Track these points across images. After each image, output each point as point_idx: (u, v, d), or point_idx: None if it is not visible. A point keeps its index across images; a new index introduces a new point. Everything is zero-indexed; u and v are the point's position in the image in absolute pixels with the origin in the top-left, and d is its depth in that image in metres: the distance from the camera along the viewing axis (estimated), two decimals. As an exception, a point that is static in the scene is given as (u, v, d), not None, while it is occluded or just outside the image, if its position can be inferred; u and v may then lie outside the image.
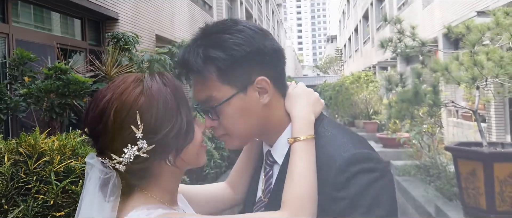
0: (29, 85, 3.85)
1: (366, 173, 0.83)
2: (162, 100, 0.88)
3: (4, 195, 2.08)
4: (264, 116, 0.95)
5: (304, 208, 0.86)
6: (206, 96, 0.91)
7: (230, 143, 0.97)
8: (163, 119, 0.87)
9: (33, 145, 2.23)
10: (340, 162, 0.85)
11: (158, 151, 0.88)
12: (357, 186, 0.82)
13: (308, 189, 0.88)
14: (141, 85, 0.89)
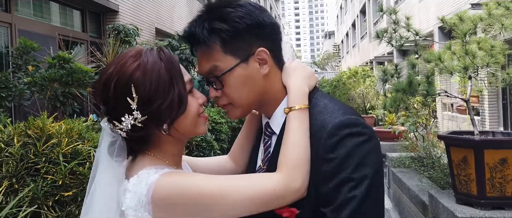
0: (33, 74, 3.93)
1: (354, 136, 0.93)
2: (156, 75, 0.97)
3: (15, 175, 2.19)
4: (264, 86, 1.04)
5: (297, 170, 0.96)
6: (211, 67, 1.00)
7: (233, 113, 1.06)
8: (156, 92, 0.97)
9: (42, 128, 2.32)
10: (331, 126, 0.95)
11: (152, 121, 0.98)
12: (346, 147, 0.92)
13: (301, 153, 0.97)
14: (138, 60, 0.99)
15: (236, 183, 0.96)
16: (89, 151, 2.35)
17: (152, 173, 0.98)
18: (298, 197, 0.95)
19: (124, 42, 6.68)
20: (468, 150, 3.56)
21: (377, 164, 0.93)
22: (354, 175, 0.90)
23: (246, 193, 0.94)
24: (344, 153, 0.91)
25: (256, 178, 1.01)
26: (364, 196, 0.89)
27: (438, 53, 3.76)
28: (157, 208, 0.94)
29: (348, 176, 0.90)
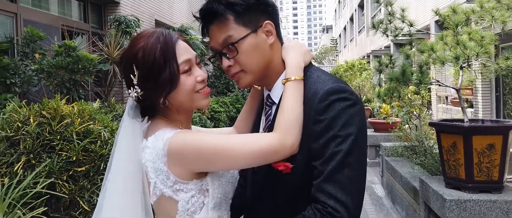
0: (40, 61, 4.07)
1: (341, 101, 1.09)
2: (152, 57, 1.14)
3: (32, 151, 2.34)
4: (270, 55, 1.20)
5: (290, 130, 1.12)
6: (226, 37, 1.16)
7: (244, 80, 1.21)
8: (151, 72, 1.14)
9: (56, 109, 2.47)
10: (322, 93, 1.11)
11: (150, 95, 1.17)
12: (334, 110, 1.08)
13: (294, 116, 1.13)
14: (142, 43, 1.16)
15: (238, 141, 1.13)
16: (100, 131, 2.50)
17: (167, 132, 1.15)
18: (291, 152, 1.11)
19: (125, 33, 6.80)
20: (457, 136, 3.73)
21: (360, 124, 1.09)
22: (340, 132, 1.06)
23: (246, 148, 1.10)
24: (333, 115, 1.07)
25: (255, 136, 1.18)
26: (348, 150, 1.05)
27: (431, 44, 3.92)
28: (171, 159, 1.11)
29: (336, 133, 1.06)
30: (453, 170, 3.81)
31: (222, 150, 1.10)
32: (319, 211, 1.03)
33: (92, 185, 2.38)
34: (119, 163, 1.18)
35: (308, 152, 1.10)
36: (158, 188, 1.13)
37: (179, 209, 1.13)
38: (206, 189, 1.16)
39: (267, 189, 1.21)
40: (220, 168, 1.17)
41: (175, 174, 1.12)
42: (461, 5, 4.45)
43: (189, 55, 1.19)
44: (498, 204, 3.54)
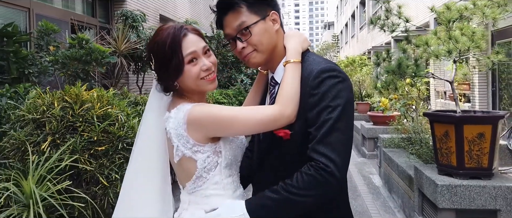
0: (55, 53, 4.29)
1: (331, 78, 1.32)
2: (162, 50, 1.40)
3: (56, 132, 2.58)
4: (275, 39, 1.43)
5: (288, 103, 1.35)
6: (240, 23, 1.39)
7: (256, 58, 1.44)
8: (162, 62, 1.40)
9: (77, 94, 2.70)
10: (315, 71, 1.34)
11: (164, 79, 1.42)
12: (326, 85, 1.31)
13: (292, 91, 1.36)
14: (158, 37, 1.40)
15: (246, 111, 1.37)
16: (117, 114, 2.73)
17: (186, 105, 1.38)
18: (288, 121, 1.34)
19: (132, 27, 7.02)
20: (449, 125, 3.95)
21: (347, 97, 1.31)
22: (331, 103, 1.28)
23: (253, 117, 1.34)
24: (324, 89, 1.30)
25: (260, 107, 1.42)
26: (337, 117, 1.27)
27: (425, 39, 4.13)
28: (190, 126, 1.34)
29: (327, 104, 1.28)
30: (445, 158, 4.03)
31: (233, 118, 1.34)
32: (313, 167, 1.25)
33: (111, 163, 2.61)
34: (147, 122, 1.44)
35: (305, 122, 1.32)
36: (180, 150, 1.36)
37: (197, 167, 1.37)
38: (219, 151, 1.39)
39: (271, 154, 1.43)
40: (231, 134, 1.40)
41: (193, 138, 1.35)
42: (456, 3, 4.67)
43: (194, 47, 1.41)
44: (487, 190, 3.76)
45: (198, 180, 1.40)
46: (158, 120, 1.42)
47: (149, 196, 1.40)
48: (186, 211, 1.43)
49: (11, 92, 2.99)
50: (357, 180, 6.77)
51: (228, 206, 1.36)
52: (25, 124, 2.63)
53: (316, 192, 1.24)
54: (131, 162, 1.44)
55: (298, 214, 1.29)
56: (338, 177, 1.23)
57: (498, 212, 3.75)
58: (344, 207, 1.42)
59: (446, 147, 4.01)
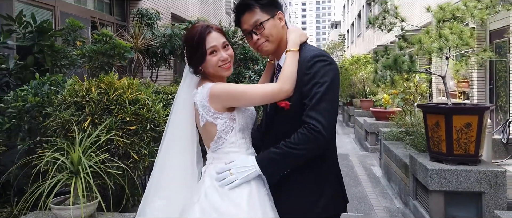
0: (82, 48, 4.74)
1: (321, 61, 1.74)
2: (191, 42, 1.85)
3: (95, 113, 3.02)
4: (282, 33, 1.85)
5: (287, 80, 1.77)
6: (255, 20, 1.81)
7: (268, 47, 1.85)
8: (191, 52, 1.85)
9: (111, 82, 3.13)
10: (308, 57, 1.76)
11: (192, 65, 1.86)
12: (316, 67, 1.72)
13: (290, 72, 1.79)
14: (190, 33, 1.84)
15: (254, 87, 1.81)
16: (145, 99, 3.16)
17: (209, 84, 1.81)
18: (287, 95, 1.76)
19: (147, 25, 7.46)
20: (440, 115, 4.34)
21: (333, 76, 1.72)
22: (320, 80, 1.69)
23: (259, 91, 1.78)
24: (315, 70, 1.72)
25: (265, 85, 1.87)
26: (325, 91, 1.68)
27: (419, 37, 4.52)
28: (211, 99, 1.77)
29: (317, 81, 1.70)
30: (436, 145, 4.42)
31: (243, 93, 1.77)
32: (306, 128, 1.66)
33: (140, 141, 3.04)
34: (178, 100, 1.86)
35: (300, 95, 1.73)
36: (204, 117, 1.79)
37: (217, 130, 1.79)
38: (234, 119, 1.81)
39: (275, 122, 1.85)
40: (243, 104, 1.82)
41: (214, 108, 1.78)
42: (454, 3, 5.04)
43: (215, 42, 1.84)
44: (473, 174, 4.14)
45: (218, 140, 1.82)
46: (188, 95, 1.85)
47: (182, 149, 1.84)
48: (211, 165, 1.86)
49: (51, 80, 3.43)
50: (358, 170, 7.17)
51: (242, 159, 1.78)
52: (67, 107, 3.06)
53: (309, 146, 1.66)
54: (168, 124, 1.87)
55: (296, 164, 1.71)
56: (324, 135, 1.64)
57: (482, 194, 4.13)
58: (329, 160, 1.83)
59: (437, 135, 4.40)
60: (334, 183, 1.86)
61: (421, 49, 4.69)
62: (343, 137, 11.44)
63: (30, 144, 3.19)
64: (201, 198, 1.79)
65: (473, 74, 8.85)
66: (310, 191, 1.79)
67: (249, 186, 1.77)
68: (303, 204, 1.79)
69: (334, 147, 1.88)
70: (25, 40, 3.98)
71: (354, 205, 5.12)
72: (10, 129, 3.24)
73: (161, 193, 1.83)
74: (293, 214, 1.78)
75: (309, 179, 1.79)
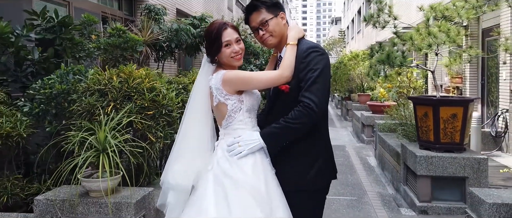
0: (97, 41, 5.09)
1: (315, 52, 2.10)
2: (209, 36, 2.21)
3: (116, 99, 3.37)
4: (283, 30, 2.21)
5: (287, 68, 2.13)
6: (261, 18, 2.17)
7: (271, 41, 2.21)
8: (209, 44, 2.21)
9: (130, 71, 3.49)
10: (304, 48, 2.13)
11: (210, 55, 2.22)
12: (311, 57, 2.08)
13: (289, 61, 2.15)
14: (209, 29, 2.18)
15: (259, 73, 2.18)
16: (161, 88, 3.53)
17: (222, 71, 2.16)
18: (286, 80, 2.11)
19: (155, 20, 7.80)
20: (428, 107, 4.70)
21: (324, 64, 2.08)
22: (313, 67, 2.06)
23: (263, 77, 2.16)
24: (309, 59, 2.08)
25: (269, 72, 2.23)
26: (317, 75, 2.04)
27: (410, 34, 4.88)
28: (224, 83, 2.13)
29: (311, 68, 2.06)
30: (425, 134, 4.80)
31: (251, 78, 2.14)
32: (301, 105, 2.02)
33: (156, 124, 3.40)
34: (197, 84, 2.22)
35: (297, 80, 2.09)
36: (217, 98, 2.15)
37: (228, 109, 2.15)
38: (242, 100, 2.17)
39: (277, 103, 2.21)
40: (250, 88, 2.18)
41: (225, 90, 2.14)
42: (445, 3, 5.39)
43: (229, 37, 2.20)
44: (457, 160, 4.52)
45: (228, 118, 2.18)
46: (205, 80, 2.21)
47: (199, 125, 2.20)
48: (222, 140, 2.22)
49: (75, 70, 3.79)
50: (354, 160, 7.55)
51: (248, 134, 2.15)
52: (91, 94, 3.42)
53: (303, 120, 2.02)
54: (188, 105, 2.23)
55: (294, 137, 2.08)
56: (316, 111, 2.01)
57: (466, 179, 4.51)
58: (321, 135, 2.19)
59: (426, 125, 4.77)
60: (325, 155, 2.22)
61: (413, 45, 5.05)
62: (341, 130, 11.82)
63: (57, 127, 3.55)
64: (214, 166, 2.15)
65: (466, 70, 9.21)
66: (304, 161, 2.16)
67: (254, 156, 2.14)
68: (298, 172, 2.16)
69: (325, 124, 2.25)
70: (48, 34, 4.33)
71: (348, 190, 5.49)
72: (38, 114, 3.60)
73: (181, 160, 2.19)
74: (290, 180, 2.15)
75: (304, 151, 2.16)
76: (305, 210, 2.17)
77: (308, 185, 2.16)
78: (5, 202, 3.37)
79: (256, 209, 2.04)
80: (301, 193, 2.16)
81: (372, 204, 4.92)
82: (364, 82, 12.55)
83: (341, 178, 6.11)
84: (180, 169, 2.19)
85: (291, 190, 2.15)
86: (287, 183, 2.15)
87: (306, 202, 2.18)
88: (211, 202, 2.09)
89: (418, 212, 4.56)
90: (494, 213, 2.72)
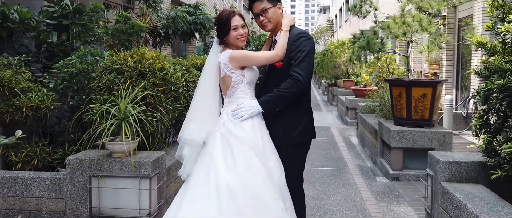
0: (104, 27, 5.58)
1: (303, 37, 2.69)
2: (220, 21, 2.78)
3: (132, 77, 3.91)
4: (279, 18, 2.78)
5: (280, 50, 2.71)
6: (262, 7, 2.73)
7: (269, 26, 2.78)
8: (220, 27, 2.78)
9: (142, 53, 4.03)
10: (295, 33, 2.71)
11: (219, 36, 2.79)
12: (300, 41, 2.67)
13: (282, 45, 2.73)
14: (220, 15, 2.75)
15: (259, 53, 2.77)
16: (169, 68, 4.07)
17: (229, 50, 2.73)
18: (280, 58, 2.69)
19: (153, 8, 8.28)
20: (402, 88, 5.34)
21: (310, 47, 2.66)
22: (302, 49, 2.64)
23: (264, 55, 2.75)
24: (299, 42, 2.66)
25: (266, 52, 2.81)
26: (304, 56, 2.62)
27: (387, 23, 5.49)
28: (231, 59, 2.70)
29: (300, 49, 2.64)
30: (399, 112, 5.44)
31: (253, 56, 2.73)
32: (291, 78, 2.60)
33: (166, 99, 3.96)
34: (209, 61, 2.79)
35: (289, 58, 2.67)
36: (224, 71, 2.72)
37: (232, 81, 2.72)
38: (244, 74, 2.74)
39: (271, 77, 2.78)
40: (252, 64, 2.76)
41: (232, 66, 2.71)
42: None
43: (236, 23, 2.76)
44: (426, 134, 5.17)
45: (232, 89, 2.75)
46: (215, 57, 2.77)
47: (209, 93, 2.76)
48: (227, 106, 2.79)
49: (92, 52, 4.31)
50: (338, 139, 8.20)
51: (249, 102, 2.72)
52: (110, 72, 3.96)
53: (293, 90, 2.61)
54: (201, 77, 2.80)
55: (285, 103, 2.67)
56: (303, 83, 2.60)
57: (433, 150, 5.16)
58: (305, 102, 2.78)
59: (399, 104, 5.41)
60: (307, 119, 2.82)
61: (391, 33, 5.66)
62: (327, 114, 12.48)
63: (79, 101, 4.08)
64: (221, 127, 2.73)
65: (443, 57, 9.90)
66: (291, 123, 2.75)
67: (253, 119, 2.72)
68: (286, 131, 2.75)
69: (308, 96, 2.84)
70: (64, 20, 4.82)
71: (332, 163, 6.14)
72: (62, 90, 4.12)
73: (195, 121, 2.76)
74: (280, 137, 2.74)
75: (291, 115, 2.75)
76: (291, 159, 2.77)
77: (293, 141, 2.76)
78: (35, 164, 3.90)
79: (254, 158, 2.63)
80: (288, 147, 2.76)
81: (352, 174, 5.57)
82: (349, 69, 13.19)
83: (325, 153, 6.75)
84: (194, 128, 2.76)
85: (281, 145, 2.74)
86: (278, 139, 2.75)
87: (292, 153, 2.78)
88: (219, 154, 2.67)
89: (391, 179, 5.23)
90: (446, 169, 3.35)
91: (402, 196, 4.63)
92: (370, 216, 4.03)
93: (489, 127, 3.02)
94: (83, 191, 3.48)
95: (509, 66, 2.73)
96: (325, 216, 4.01)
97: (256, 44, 13.09)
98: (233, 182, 2.57)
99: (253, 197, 2.57)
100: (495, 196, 2.91)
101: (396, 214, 4.11)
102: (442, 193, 3.28)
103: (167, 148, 4.43)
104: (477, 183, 3.26)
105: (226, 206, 2.54)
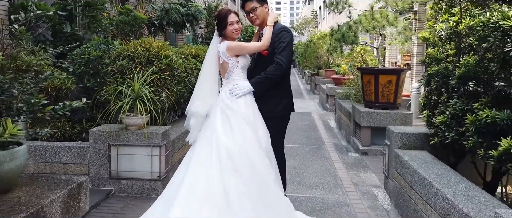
0: (109, 18, 6.24)
1: (284, 31, 3.46)
2: (219, 17, 3.55)
3: (141, 63, 4.62)
4: (266, 16, 3.54)
5: (266, 41, 3.46)
6: (252, 6, 3.49)
7: (257, 22, 3.54)
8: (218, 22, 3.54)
9: (150, 42, 4.75)
10: (277, 28, 3.47)
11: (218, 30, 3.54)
12: (281, 34, 3.44)
13: (267, 38, 3.48)
14: (219, 13, 3.51)
15: (251, 44, 3.55)
16: (173, 55, 4.80)
17: (227, 42, 3.48)
18: (266, 48, 3.45)
19: (149, 1, 8.91)
20: (371, 75, 6.17)
21: (290, 39, 3.42)
22: (283, 40, 3.40)
23: (254, 46, 3.51)
24: (280, 35, 3.43)
25: (256, 43, 3.56)
26: (285, 46, 3.38)
27: (359, 18, 6.30)
28: (228, 49, 3.44)
29: (281, 40, 3.40)
30: (368, 96, 6.28)
31: (246, 46, 3.49)
32: (274, 63, 3.36)
33: (170, 82, 4.70)
34: (210, 50, 3.54)
35: (272, 48, 3.43)
36: (222, 58, 3.47)
37: (229, 66, 3.47)
38: (238, 61, 3.49)
39: (259, 63, 3.54)
40: (244, 53, 3.50)
41: (229, 54, 3.45)
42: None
43: (232, 19, 3.49)
44: (390, 115, 6.02)
45: (229, 73, 3.50)
46: (215, 47, 3.51)
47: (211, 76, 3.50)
48: (225, 86, 3.53)
49: (105, 41, 4.99)
50: (318, 123, 9.04)
51: (242, 83, 3.47)
52: (122, 59, 4.66)
53: (277, 73, 3.38)
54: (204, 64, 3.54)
55: (271, 84, 3.43)
56: (284, 66, 3.37)
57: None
58: (286, 83, 3.56)
59: (369, 89, 6.25)
60: (287, 97, 3.59)
61: (363, 27, 6.48)
62: (309, 101, 13.32)
63: (94, 83, 4.78)
64: (220, 103, 3.49)
65: (414, 49, 10.81)
66: (275, 100, 3.52)
67: (245, 97, 3.48)
68: (272, 106, 3.52)
69: (288, 78, 3.62)
70: (77, 12, 5.48)
71: (311, 141, 6.96)
72: (80, 73, 4.81)
73: (199, 98, 3.51)
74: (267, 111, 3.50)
75: (275, 93, 3.52)
76: (276, 129, 3.54)
77: (277, 114, 3.54)
78: (58, 137, 4.60)
79: (247, 128, 3.40)
80: (273, 119, 3.53)
81: (328, 150, 6.41)
82: (330, 59, 14.03)
83: (306, 134, 7.58)
84: (199, 103, 3.51)
85: (268, 117, 3.52)
86: (265, 113, 3.52)
87: (276, 124, 3.55)
88: (219, 124, 3.43)
89: (360, 153, 6.08)
90: (398, 139, 4.18)
91: (368, 166, 5.49)
92: (340, 180, 4.87)
93: (430, 104, 3.85)
94: (103, 157, 4.20)
95: (443, 56, 3.55)
96: (304, 180, 4.83)
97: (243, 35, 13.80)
98: (231, 146, 3.32)
99: (246, 158, 3.33)
100: (433, 158, 3.76)
101: (361, 179, 4.96)
102: (395, 158, 4.12)
103: (171, 124, 5.17)
104: (422, 149, 4.11)
105: (225, 164, 3.29)
